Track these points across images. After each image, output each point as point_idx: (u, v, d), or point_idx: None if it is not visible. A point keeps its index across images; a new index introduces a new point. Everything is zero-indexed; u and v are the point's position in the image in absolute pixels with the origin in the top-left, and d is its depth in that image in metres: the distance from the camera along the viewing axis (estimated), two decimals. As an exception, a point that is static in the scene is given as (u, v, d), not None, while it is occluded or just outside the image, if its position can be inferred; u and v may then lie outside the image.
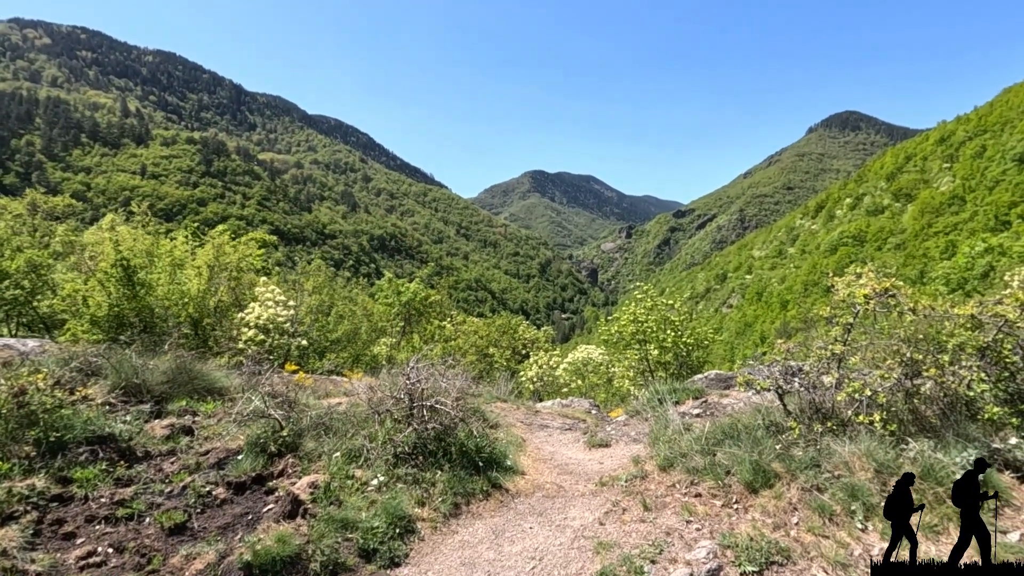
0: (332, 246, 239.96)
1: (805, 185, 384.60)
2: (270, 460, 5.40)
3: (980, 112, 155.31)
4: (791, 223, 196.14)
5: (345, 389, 7.72)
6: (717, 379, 7.24)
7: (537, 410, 7.65)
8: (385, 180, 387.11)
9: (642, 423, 6.51)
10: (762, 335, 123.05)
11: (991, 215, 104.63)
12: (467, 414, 5.84)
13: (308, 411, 5.80)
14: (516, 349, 28.42)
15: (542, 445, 6.34)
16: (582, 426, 7.10)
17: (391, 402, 5.55)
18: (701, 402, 6.24)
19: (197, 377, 6.60)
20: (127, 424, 5.74)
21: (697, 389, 6.80)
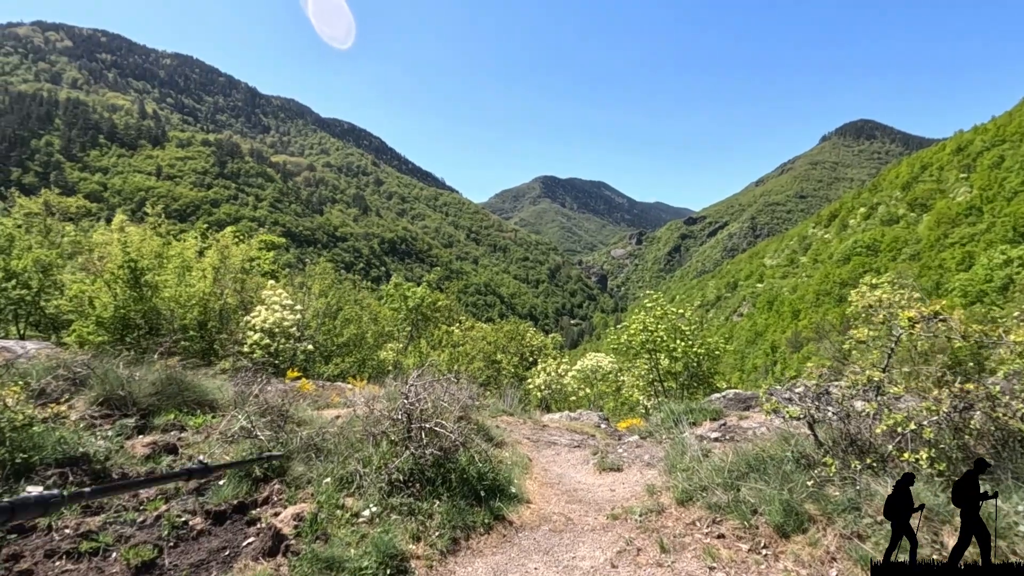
0: (343, 248, 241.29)
1: (818, 194, 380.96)
2: (255, 486, 4.98)
3: (998, 122, 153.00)
4: (804, 232, 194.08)
5: (347, 399, 7.37)
6: (736, 399, 6.70)
7: (544, 424, 7.23)
8: (396, 184, 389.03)
9: (656, 445, 5.97)
10: (773, 344, 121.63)
11: (1009, 226, 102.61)
12: (469, 437, 5.37)
13: (299, 432, 5.29)
14: (524, 355, 28.01)
15: (549, 466, 5.92)
16: (591, 443, 6.65)
17: (388, 423, 5.07)
18: (720, 425, 5.68)
19: (188, 388, 6.17)
20: (106, 441, 5.35)
21: (715, 410, 6.25)
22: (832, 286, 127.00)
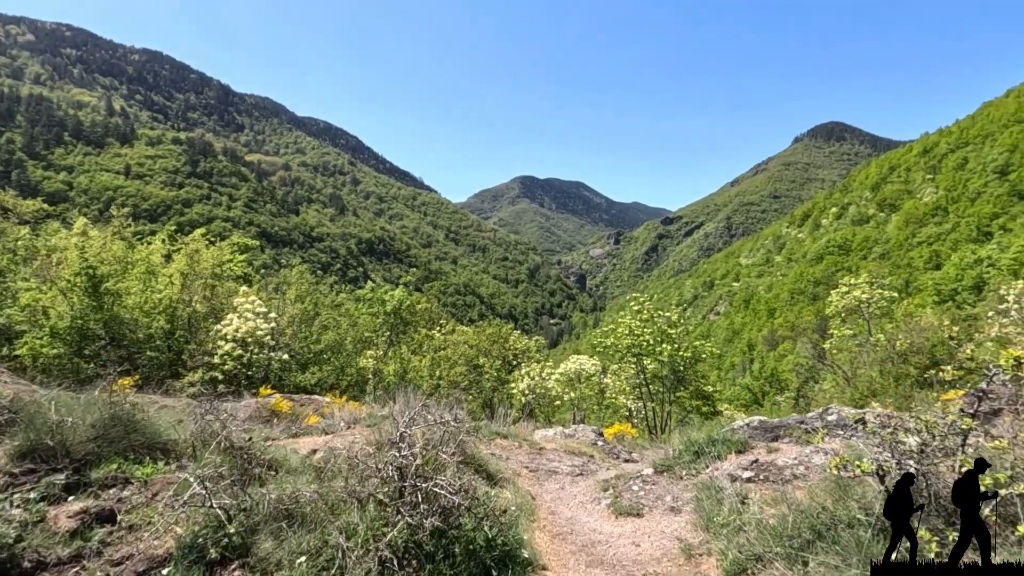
0: (320, 249, 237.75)
1: (791, 194, 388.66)
2: (209, 571, 3.89)
3: (962, 125, 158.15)
4: (778, 231, 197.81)
5: (325, 422, 6.81)
6: (762, 428, 5.94)
7: (541, 447, 6.77)
8: (374, 183, 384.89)
9: (675, 482, 5.18)
10: (750, 343, 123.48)
11: (973, 226, 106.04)
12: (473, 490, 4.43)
13: (267, 493, 4.14)
14: (506, 359, 27.67)
15: (557, 506, 5.19)
16: (593, 467, 6.20)
17: (376, 481, 4.08)
18: (752, 462, 4.90)
19: (136, 429, 5.01)
20: (23, 510, 4.07)
21: (740, 441, 5.51)
22: (806, 285, 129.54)
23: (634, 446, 13.50)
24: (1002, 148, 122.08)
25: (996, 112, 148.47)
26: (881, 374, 24.43)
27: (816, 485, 4.33)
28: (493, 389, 23.87)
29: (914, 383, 22.98)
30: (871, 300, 26.70)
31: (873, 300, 26.72)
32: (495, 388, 24.01)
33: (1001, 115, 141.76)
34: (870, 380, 24.77)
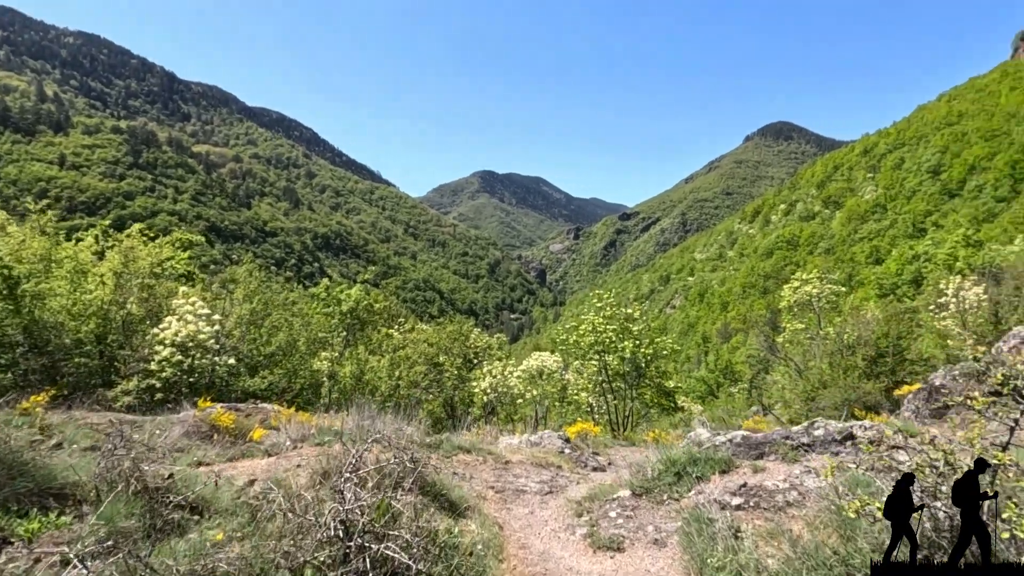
0: (273, 244, 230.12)
1: (743, 191, 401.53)
2: None
3: (899, 127, 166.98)
4: (730, 227, 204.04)
5: (269, 443, 6.14)
6: (745, 444, 5.56)
7: (507, 460, 6.36)
8: (330, 177, 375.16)
9: (655, 507, 4.76)
10: (704, 335, 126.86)
11: (909, 222, 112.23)
12: (434, 554, 3.69)
13: (175, 566, 3.05)
14: (467, 357, 27.24)
15: (527, 536, 4.66)
16: (562, 480, 5.82)
17: (315, 541, 3.24)
18: (740, 486, 4.46)
19: (24, 472, 3.94)
20: None
21: (723, 459, 5.11)
22: (757, 279, 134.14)
23: (599, 445, 13.35)
24: (934, 149, 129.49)
25: (929, 115, 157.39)
26: (831, 366, 25.27)
27: (816, 516, 4.01)
28: (454, 388, 23.41)
29: (861, 374, 23.86)
30: (821, 295, 27.63)
31: (823, 295, 27.66)
32: (456, 387, 23.56)
33: (933, 118, 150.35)
34: (820, 372, 25.61)
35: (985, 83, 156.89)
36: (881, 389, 22.71)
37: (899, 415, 9.50)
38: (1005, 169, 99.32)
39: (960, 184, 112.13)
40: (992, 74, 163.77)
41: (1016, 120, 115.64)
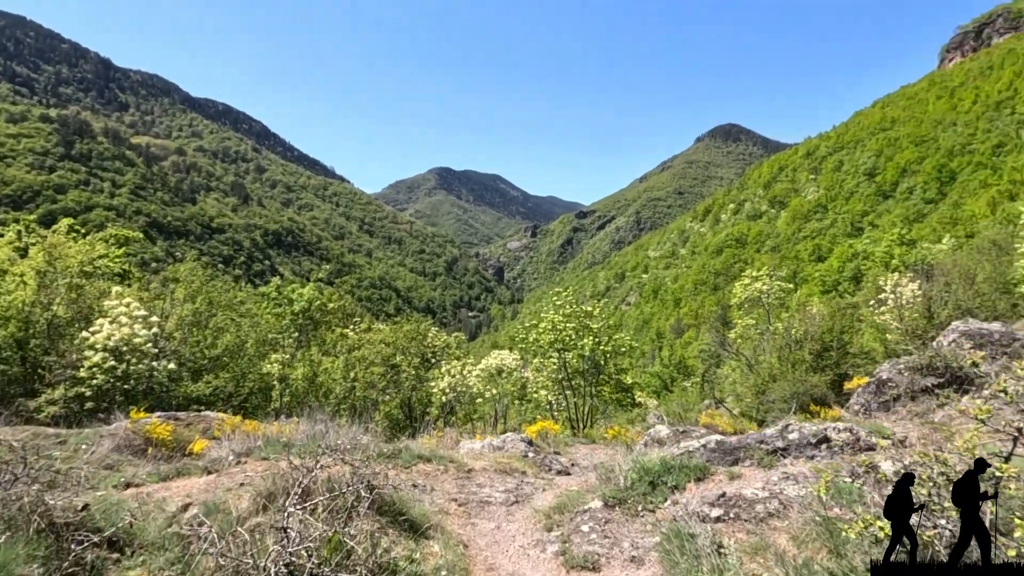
0: (220, 241, 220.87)
1: (694, 190, 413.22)
2: None
3: (838, 131, 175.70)
4: (682, 226, 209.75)
5: (209, 459, 5.47)
6: (720, 450, 5.41)
7: (469, 468, 6.07)
8: (281, 172, 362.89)
9: (630, 519, 4.55)
10: (658, 331, 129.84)
11: (848, 222, 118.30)
12: None
13: None
14: (425, 356, 26.78)
15: (494, 556, 4.34)
16: (528, 488, 5.55)
17: None
18: (719, 496, 4.27)
19: None
20: None
21: (698, 466, 4.95)
22: (708, 276, 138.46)
23: (560, 444, 13.26)
24: (870, 153, 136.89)
25: (865, 120, 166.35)
26: (779, 360, 26.17)
27: (801, 529, 3.85)
28: (412, 388, 22.95)
29: (808, 368, 24.81)
30: (770, 291, 28.59)
31: (772, 291, 28.63)
32: (414, 387, 23.11)
33: (869, 123, 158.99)
34: (770, 366, 26.49)
35: (915, 91, 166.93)
36: (827, 382, 23.66)
37: (849, 408, 9.81)
38: (933, 172, 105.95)
39: (893, 186, 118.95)
40: (921, 83, 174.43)
41: (942, 127, 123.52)
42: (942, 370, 8.44)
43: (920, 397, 8.34)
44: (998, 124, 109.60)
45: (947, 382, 8.37)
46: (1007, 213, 41.61)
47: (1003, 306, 23.93)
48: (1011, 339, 9.11)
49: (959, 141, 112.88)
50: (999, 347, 9.13)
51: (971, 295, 22.48)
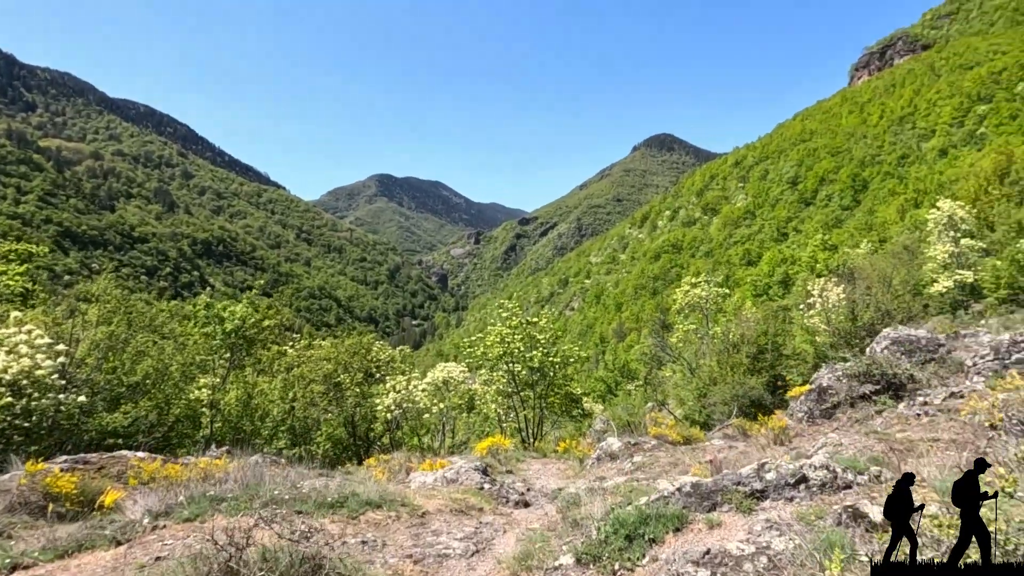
0: (143, 251, 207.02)
1: (632, 198, 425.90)
2: None
3: (763, 141, 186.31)
4: (622, 232, 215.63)
5: (119, 527, 4.50)
6: (696, 494, 5.09)
7: (424, 512, 5.59)
8: (211, 178, 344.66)
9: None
10: (601, 336, 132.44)
11: (774, 228, 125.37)
12: None
13: None
14: (370, 371, 25.87)
15: None
16: (487, 531, 5.13)
17: None
18: (703, 554, 3.89)
19: None
20: None
21: (675, 515, 4.62)
22: (647, 280, 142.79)
23: (511, 461, 12.97)
24: (792, 163, 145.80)
25: (787, 132, 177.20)
26: (719, 364, 27.05)
27: None
28: (355, 405, 22.05)
29: (746, 370, 25.76)
30: (709, 297, 29.59)
31: (710, 297, 29.63)
32: (358, 403, 22.22)
33: (790, 135, 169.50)
34: (710, 369, 27.33)
35: (830, 106, 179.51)
36: (764, 383, 24.63)
37: (793, 415, 10.09)
38: (847, 181, 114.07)
39: (813, 194, 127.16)
40: (835, 98, 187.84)
41: (855, 139, 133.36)
42: (878, 377, 8.80)
43: (859, 403, 8.70)
44: (902, 137, 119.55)
45: (883, 388, 8.74)
46: (914, 219, 45.20)
47: (917, 307, 25.79)
48: (936, 345, 9.65)
49: (869, 152, 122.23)
50: (926, 353, 9.65)
51: (889, 298, 24.04)
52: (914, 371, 8.53)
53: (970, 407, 6.44)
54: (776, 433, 8.52)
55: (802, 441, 8.40)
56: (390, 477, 8.53)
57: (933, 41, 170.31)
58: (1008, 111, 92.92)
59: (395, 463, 9.39)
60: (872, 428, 7.43)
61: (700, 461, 8.65)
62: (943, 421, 6.69)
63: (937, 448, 5.93)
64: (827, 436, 6.94)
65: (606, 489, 6.02)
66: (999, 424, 5.72)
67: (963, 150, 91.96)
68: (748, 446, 9.32)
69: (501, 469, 10.82)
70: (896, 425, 7.31)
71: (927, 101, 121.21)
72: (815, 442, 7.48)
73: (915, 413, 7.31)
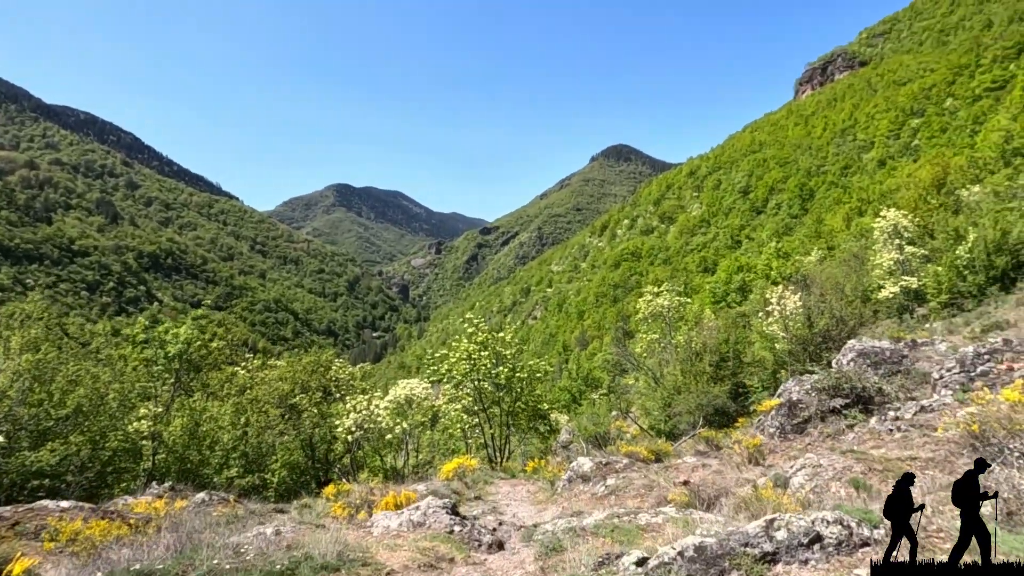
0: (83, 265, 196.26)
1: (591, 207, 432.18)
2: None
3: (716, 152, 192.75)
4: (582, 241, 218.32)
5: None
6: (701, 560, 4.43)
7: (389, 573, 5.05)
8: (158, 188, 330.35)
9: None
10: (564, 344, 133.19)
11: (728, 236, 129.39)
12: None
13: None
14: (328, 390, 24.87)
15: None
16: None
17: None
18: None
19: None
20: None
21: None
22: (608, 288, 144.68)
23: (479, 484, 12.46)
24: (743, 173, 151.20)
25: (738, 143, 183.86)
26: (683, 373, 27.28)
27: None
28: (314, 426, 21.08)
29: (709, 379, 26.05)
30: (670, 306, 29.90)
31: (672, 306, 29.95)
32: (316, 424, 21.25)
33: (741, 145, 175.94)
34: (675, 378, 27.54)
35: (777, 118, 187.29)
36: (727, 392, 24.90)
37: (765, 431, 10.01)
38: (796, 191, 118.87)
39: (764, 202, 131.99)
40: (781, 111, 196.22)
41: (801, 150, 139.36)
42: (848, 391, 8.80)
43: (829, 418, 8.67)
44: (844, 148, 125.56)
45: (853, 402, 8.74)
46: (860, 227, 47.23)
47: (868, 313, 26.72)
48: (900, 356, 9.76)
49: (814, 163, 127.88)
50: (891, 364, 9.74)
51: (843, 304, 24.80)
52: (882, 384, 8.60)
53: (944, 423, 6.42)
54: (751, 451, 8.38)
55: (776, 459, 8.29)
56: (351, 514, 7.92)
57: (869, 58, 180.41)
58: (939, 124, 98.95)
59: (356, 496, 8.77)
60: (846, 444, 7.37)
61: (675, 483, 8.41)
62: (917, 437, 6.66)
63: (916, 467, 5.84)
64: (805, 456, 6.80)
65: (586, 529, 5.66)
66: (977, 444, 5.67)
67: (900, 161, 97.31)
68: (722, 463, 9.15)
69: (469, 495, 10.33)
70: (869, 441, 7.26)
71: (866, 114, 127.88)
72: (791, 461, 7.35)
73: (887, 428, 7.30)
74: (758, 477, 7.24)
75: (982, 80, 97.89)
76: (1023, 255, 25.36)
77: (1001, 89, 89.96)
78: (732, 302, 43.49)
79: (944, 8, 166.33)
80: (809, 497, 5.67)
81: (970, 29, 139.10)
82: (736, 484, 6.87)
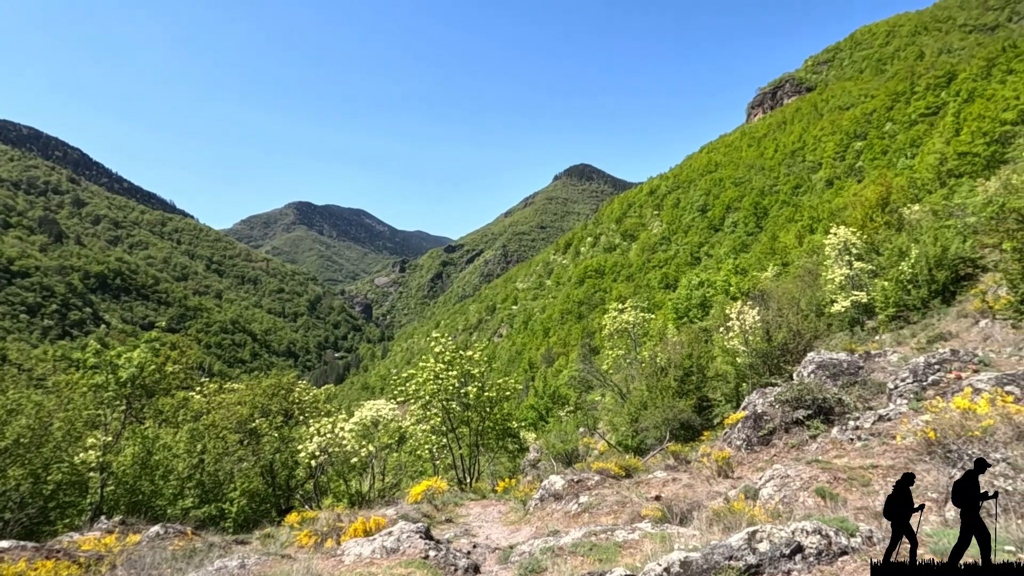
0: (23, 286, 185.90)
1: (555, 225, 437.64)
2: None
3: (674, 172, 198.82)
4: (547, 258, 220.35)
5: None
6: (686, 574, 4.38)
7: None
8: (107, 205, 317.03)
9: None
10: (530, 361, 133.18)
11: (688, 252, 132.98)
12: None
13: None
14: (290, 412, 24.10)
15: None
16: None
17: None
18: None
19: None
20: None
21: None
22: (572, 305, 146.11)
23: (449, 506, 12.23)
24: (701, 192, 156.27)
25: (696, 163, 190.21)
26: (648, 388, 27.61)
27: None
28: (275, 451, 20.32)
29: (675, 393, 26.45)
30: (636, 323, 30.36)
31: (637, 322, 30.42)
32: (277, 449, 20.50)
33: (698, 166, 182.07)
34: (641, 394, 27.83)
35: (731, 140, 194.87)
36: (692, 406, 25.32)
37: (732, 443, 10.19)
38: (750, 209, 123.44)
39: (721, 221, 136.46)
40: (735, 133, 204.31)
41: (754, 170, 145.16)
42: (810, 402, 9.07)
43: (793, 429, 8.93)
44: (794, 169, 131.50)
45: (815, 413, 9.02)
46: (811, 244, 49.22)
47: (822, 327, 27.76)
48: (856, 367, 10.15)
49: (767, 183, 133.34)
50: (848, 375, 10.12)
51: (799, 319, 25.70)
52: (842, 395, 8.95)
53: (902, 431, 6.69)
54: (720, 464, 8.53)
55: (744, 470, 8.45)
56: (317, 542, 7.61)
57: (815, 84, 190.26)
58: (880, 147, 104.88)
59: (322, 523, 8.44)
60: (810, 455, 7.59)
61: (648, 498, 8.45)
62: (877, 446, 6.92)
63: (878, 475, 6.04)
64: (772, 467, 6.96)
65: (563, 548, 5.60)
66: (933, 450, 5.93)
67: (847, 181, 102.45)
68: (692, 477, 9.26)
69: (440, 518, 10.12)
70: (832, 451, 7.50)
71: (813, 137, 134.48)
72: (759, 473, 7.51)
73: (848, 438, 7.56)
74: (728, 489, 7.35)
75: (917, 106, 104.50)
76: (961, 270, 26.89)
77: (935, 115, 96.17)
78: (694, 317, 44.51)
79: (881, 39, 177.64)
80: (779, 508, 5.82)
81: (905, 59, 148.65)
82: (708, 497, 6.97)
